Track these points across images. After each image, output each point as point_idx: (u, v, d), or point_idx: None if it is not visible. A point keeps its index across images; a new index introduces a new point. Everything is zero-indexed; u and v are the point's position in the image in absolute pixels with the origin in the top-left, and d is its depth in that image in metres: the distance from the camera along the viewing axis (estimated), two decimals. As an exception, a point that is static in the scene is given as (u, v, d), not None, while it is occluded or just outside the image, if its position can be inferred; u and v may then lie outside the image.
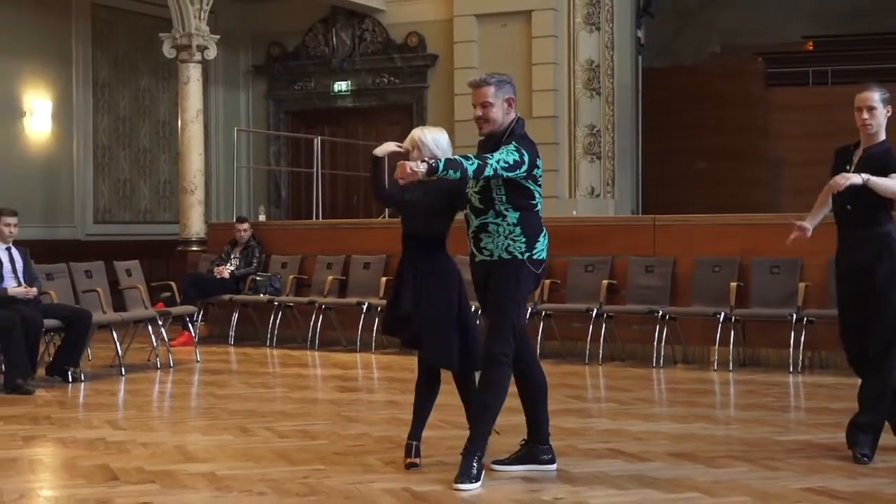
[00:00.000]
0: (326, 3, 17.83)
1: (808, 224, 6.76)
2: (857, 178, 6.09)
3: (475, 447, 5.80)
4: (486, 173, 5.66)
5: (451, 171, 5.57)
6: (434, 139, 6.09)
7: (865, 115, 6.37)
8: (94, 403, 8.84)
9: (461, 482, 5.69)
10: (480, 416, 5.88)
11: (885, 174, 6.15)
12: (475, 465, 5.76)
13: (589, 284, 11.46)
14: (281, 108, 18.96)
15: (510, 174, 5.72)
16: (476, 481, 5.71)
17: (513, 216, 5.86)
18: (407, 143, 6.14)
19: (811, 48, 21.45)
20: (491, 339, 5.88)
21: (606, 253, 11.60)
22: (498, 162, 5.66)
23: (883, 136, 6.42)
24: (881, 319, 6.29)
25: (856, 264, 6.42)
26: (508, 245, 5.87)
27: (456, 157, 5.68)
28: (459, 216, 6.19)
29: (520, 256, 5.87)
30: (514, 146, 5.78)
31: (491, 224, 5.89)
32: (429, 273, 6.07)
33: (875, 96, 6.36)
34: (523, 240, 5.87)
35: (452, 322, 6.07)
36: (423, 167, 5.55)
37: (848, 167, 6.42)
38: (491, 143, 5.94)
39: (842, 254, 6.57)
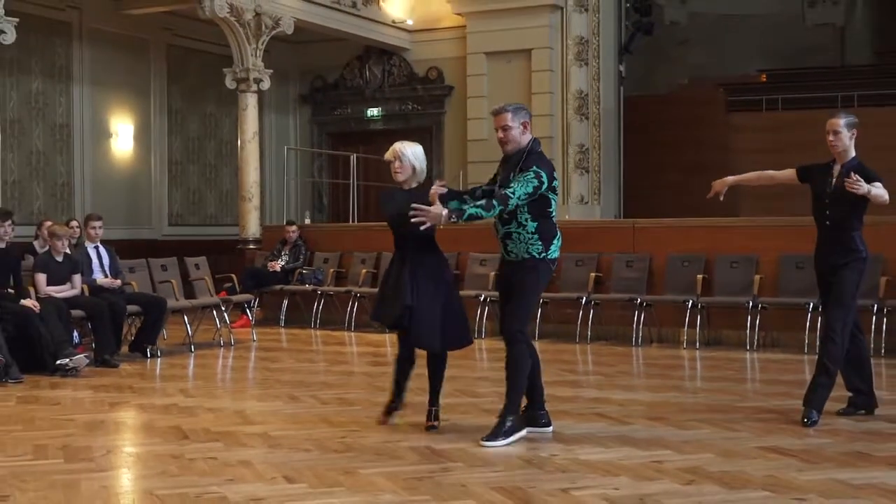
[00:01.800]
0: (361, 44, 17.81)
1: (728, 180, 6.75)
2: (866, 187, 6.11)
3: (506, 412, 5.84)
4: (510, 208, 5.72)
5: (474, 218, 5.66)
6: (412, 152, 6.08)
7: (831, 138, 6.42)
8: (169, 375, 8.85)
9: (487, 439, 5.74)
10: (510, 386, 5.86)
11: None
12: (506, 426, 5.79)
13: (579, 276, 11.42)
14: (323, 130, 18.94)
15: (533, 198, 5.76)
16: (502, 438, 5.74)
17: (531, 226, 5.88)
18: (389, 155, 6.10)
19: (764, 80, 21.37)
20: (510, 319, 5.89)
21: (594, 250, 11.56)
22: (520, 198, 5.71)
23: (853, 154, 6.44)
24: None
25: (830, 265, 6.36)
26: (529, 248, 5.91)
27: (478, 209, 5.65)
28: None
29: (538, 256, 5.91)
30: (533, 173, 5.76)
31: (514, 232, 5.91)
32: (420, 269, 5.99)
33: (840, 122, 6.41)
34: (540, 244, 5.90)
35: (438, 311, 6.00)
36: (445, 218, 5.56)
37: (830, 179, 6.39)
38: (512, 161, 5.92)
39: (819, 256, 6.47)
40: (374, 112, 18.31)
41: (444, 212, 5.59)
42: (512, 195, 5.69)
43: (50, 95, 14.91)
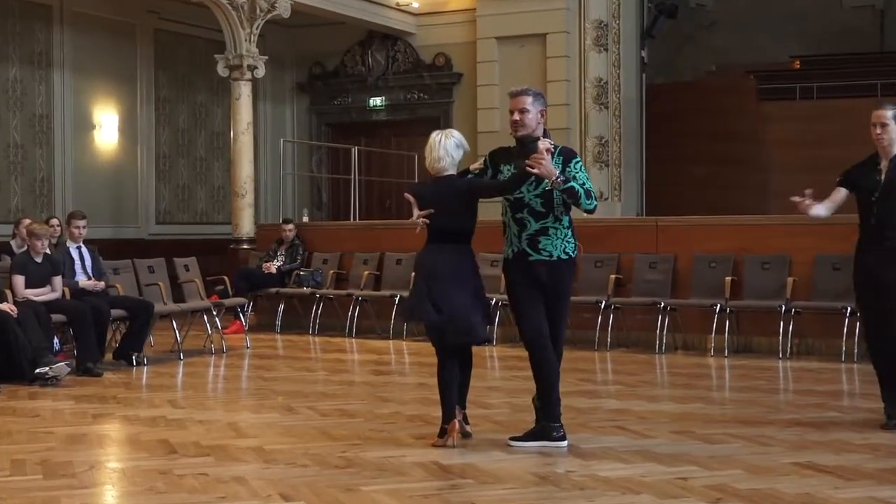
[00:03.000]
0: (363, 28, 17.82)
1: (819, 210, 6.63)
2: None
3: (542, 416, 6.05)
4: (586, 200, 5.89)
5: (567, 195, 5.83)
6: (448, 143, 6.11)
7: (879, 130, 6.45)
8: (156, 385, 8.87)
9: (513, 439, 6.04)
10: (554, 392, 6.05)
11: None
12: (541, 429, 6.04)
13: (598, 278, 11.41)
14: (322, 120, 18.97)
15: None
16: (531, 441, 6.00)
17: (566, 220, 6.02)
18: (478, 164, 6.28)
19: (798, 66, 21.33)
20: (563, 327, 6.11)
21: (614, 250, 11.55)
22: (583, 185, 5.89)
23: None
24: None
25: (875, 276, 6.35)
26: (565, 246, 6.01)
27: (582, 190, 5.86)
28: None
29: (573, 255, 6.03)
30: (581, 162, 6.03)
31: (551, 228, 5.98)
32: (462, 262, 6.08)
33: (888, 114, 6.44)
34: (573, 241, 6.03)
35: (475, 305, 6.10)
36: (555, 176, 5.75)
37: (877, 175, 6.38)
38: (524, 149, 5.96)
39: (863, 265, 6.46)
40: (376, 102, 18.32)
41: (557, 171, 5.77)
42: (581, 187, 5.85)
43: (28, 84, 14.94)
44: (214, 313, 11.11)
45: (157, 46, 16.77)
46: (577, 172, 5.93)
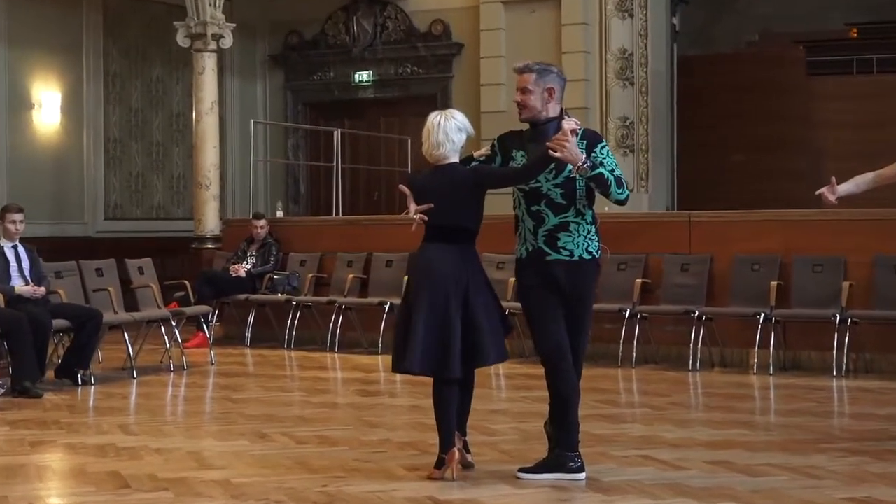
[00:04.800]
0: (347, -10, 17.83)
1: (846, 187, 6.69)
2: None
3: (556, 444, 6.09)
4: (617, 188, 5.92)
5: (595, 184, 5.88)
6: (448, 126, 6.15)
7: None
8: (105, 407, 8.87)
9: (522, 471, 6.09)
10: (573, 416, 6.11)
11: None
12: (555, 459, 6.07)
13: (621, 283, 11.41)
14: (299, 99, 18.96)
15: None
16: (543, 473, 6.03)
17: (589, 214, 6.05)
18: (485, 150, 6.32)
19: (855, 35, 21.31)
20: (584, 338, 6.16)
21: (640, 250, 11.55)
22: (612, 172, 5.92)
23: None
24: None
25: None
26: (588, 245, 6.04)
27: (612, 178, 5.90)
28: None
29: (596, 256, 6.06)
30: (606, 145, 6.08)
31: (572, 223, 6.00)
32: (477, 271, 6.18)
33: None
34: (596, 239, 6.06)
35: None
36: (581, 161, 5.78)
37: None
38: (537, 132, 6.03)
39: None
40: (363, 77, 18.31)
41: (584, 156, 5.81)
42: (611, 173, 5.89)
43: (-44, 56, 14.95)
44: (173, 324, 11.11)
45: (107, 13, 16.76)
46: (605, 158, 5.95)
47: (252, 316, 13.12)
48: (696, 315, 10.85)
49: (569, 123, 5.85)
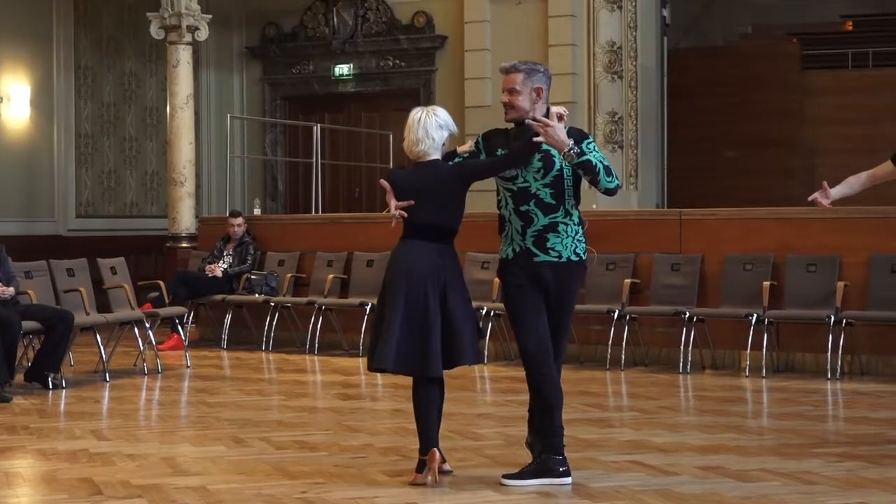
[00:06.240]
0: (326, -20, 17.83)
1: (840, 189, 6.74)
2: None
3: (542, 449, 6.11)
4: (606, 177, 5.95)
5: (583, 170, 5.92)
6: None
7: None
8: (76, 412, 8.85)
9: (507, 477, 6.09)
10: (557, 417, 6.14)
11: None
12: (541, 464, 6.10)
13: (610, 284, 11.43)
14: (277, 93, 18.93)
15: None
16: (528, 479, 6.05)
17: (576, 214, 6.09)
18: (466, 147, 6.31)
19: (850, 28, 21.40)
20: (565, 340, 6.21)
21: (629, 250, 11.58)
22: (601, 161, 5.96)
23: None
24: None
25: None
26: (576, 246, 6.09)
27: (601, 165, 5.94)
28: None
29: (583, 257, 6.10)
30: (594, 142, 6.08)
31: (561, 224, 6.04)
32: (455, 270, 6.21)
33: None
34: (583, 241, 6.10)
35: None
36: (567, 147, 5.83)
37: None
38: (522, 131, 6.05)
39: None
40: (343, 70, 18.30)
41: (571, 141, 5.85)
42: (599, 163, 5.93)
43: (-79, 48, 14.91)
44: (147, 325, 11.09)
45: (78, 2, 16.73)
46: (592, 153, 5.97)
47: (229, 317, 13.11)
48: (687, 316, 10.88)
49: (557, 109, 5.91)
